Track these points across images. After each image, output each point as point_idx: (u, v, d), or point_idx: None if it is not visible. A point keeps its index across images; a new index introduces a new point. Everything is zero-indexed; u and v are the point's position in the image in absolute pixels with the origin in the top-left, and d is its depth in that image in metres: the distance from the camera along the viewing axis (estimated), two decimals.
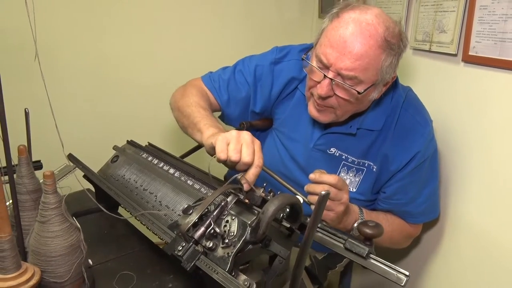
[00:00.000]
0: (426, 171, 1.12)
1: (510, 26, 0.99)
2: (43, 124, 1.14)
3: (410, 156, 1.08)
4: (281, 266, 0.81)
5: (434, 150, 1.14)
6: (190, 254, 0.74)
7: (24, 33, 0.86)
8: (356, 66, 0.94)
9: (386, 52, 0.95)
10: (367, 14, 0.94)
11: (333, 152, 1.13)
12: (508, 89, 1.04)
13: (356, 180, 1.13)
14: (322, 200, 0.59)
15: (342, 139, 1.12)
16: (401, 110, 1.09)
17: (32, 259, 0.75)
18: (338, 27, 0.95)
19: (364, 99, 1.02)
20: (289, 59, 1.21)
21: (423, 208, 1.16)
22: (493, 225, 1.11)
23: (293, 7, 1.90)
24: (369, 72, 0.96)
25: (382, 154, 1.10)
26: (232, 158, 0.82)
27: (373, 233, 0.79)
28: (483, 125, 1.12)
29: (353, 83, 0.97)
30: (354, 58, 0.93)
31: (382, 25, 0.94)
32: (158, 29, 1.64)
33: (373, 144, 1.11)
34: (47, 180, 0.72)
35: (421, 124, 1.10)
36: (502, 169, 1.07)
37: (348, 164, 1.13)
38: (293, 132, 1.19)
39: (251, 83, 1.23)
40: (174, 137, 1.74)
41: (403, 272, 0.73)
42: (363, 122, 1.10)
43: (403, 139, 1.08)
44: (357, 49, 0.93)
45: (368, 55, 0.93)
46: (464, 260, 1.20)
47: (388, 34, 0.94)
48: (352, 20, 0.94)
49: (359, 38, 0.92)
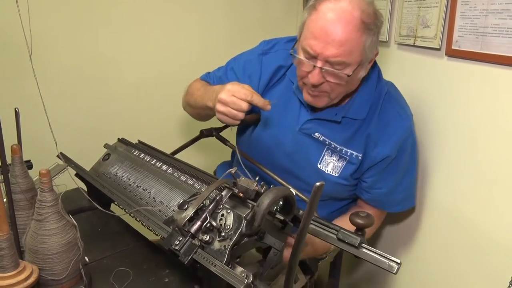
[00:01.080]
0: (406, 161, 1.17)
1: (491, 20, 1.03)
2: (32, 123, 1.14)
3: (391, 145, 1.12)
4: (276, 257, 0.83)
5: (413, 142, 1.20)
6: (187, 248, 0.76)
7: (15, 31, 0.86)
8: (341, 51, 0.99)
9: (366, 32, 1.00)
10: (341, 1, 1.00)
11: (317, 136, 1.17)
12: (489, 81, 1.07)
13: (339, 165, 1.17)
14: (316, 192, 0.61)
15: (327, 125, 1.16)
16: (383, 100, 1.14)
17: (29, 258, 0.75)
18: (318, 19, 1.01)
19: (353, 79, 1.07)
20: (276, 50, 1.27)
21: (401, 196, 1.22)
22: (470, 209, 1.16)
23: (278, 4, 1.91)
24: (354, 54, 1.01)
25: (365, 140, 1.14)
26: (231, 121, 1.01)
27: (364, 223, 0.81)
28: (465, 117, 1.16)
29: (341, 67, 1.02)
30: (338, 45, 0.99)
31: (357, 9, 0.99)
32: (146, 27, 1.64)
33: (357, 132, 1.14)
34: (44, 178, 0.72)
35: (402, 116, 1.15)
36: (482, 159, 1.11)
37: (331, 149, 1.17)
38: (280, 118, 1.22)
39: (241, 78, 1.26)
40: (164, 135, 1.74)
41: (395, 260, 0.76)
42: (348, 111, 1.14)
43: (384, 128, 1.13)
44: (339, 36, 0.98)
45: (350, 39, 0.99)
46: (444, 242, 1.25)
47: (364, 16, 0.99)
48: (329, 10, 1.00)
49: (338, 26, 0.98)
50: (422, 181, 1.33)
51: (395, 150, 1.13)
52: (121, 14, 1.57)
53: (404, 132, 1.14)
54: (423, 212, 1.33)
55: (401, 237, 1.44)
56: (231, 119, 1.03)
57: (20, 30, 0.73)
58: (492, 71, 1.05)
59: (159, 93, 1.73)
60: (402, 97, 1.22)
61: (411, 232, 1.39)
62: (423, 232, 1.35)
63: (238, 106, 1.00)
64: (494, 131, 1.07)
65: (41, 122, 0.84)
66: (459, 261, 1.21)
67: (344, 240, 0.81)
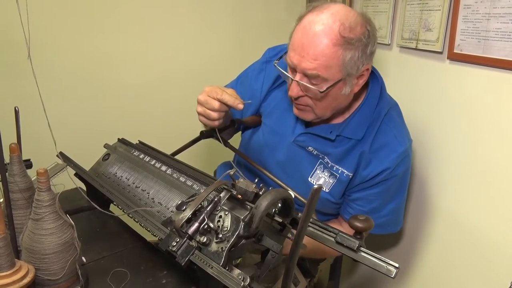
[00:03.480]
0: (394, 187, 1.14)
1: (493, 24, 1.02)
2: (32, 123, 1.14)
3: (381, 169, 1.09)
4: (274, 260, 0.82)
5: (405, 169, 1.15)
6: (184, 249, 0.75)
7: (15, 30, 0.86)
8: (316, 65, 0.98)
9: (345, 47, 0.97)
10: (323, 13, 0.98)
11: (311, 150, 1.15)
12: (491, 85, 1.07)
13: (330, 181, 1.15)
14: (314, 194, 0.60)
15: (321, 141, 1.14)
16: (382, 123, 1.11)
17: (25, 257, 0.75)
18: (298, 30, 1.00)
19: (335, 95, 1.04)
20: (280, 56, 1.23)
21: (382, 221, 1.17)
22: (472, 214, 1.15)
23: (280, 6, 1.91)
24: (331, 69, 0.98)
25: (358, 160, 1.11)
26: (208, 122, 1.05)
27: (363, 226, 0.80)
28: (466, 121, 1.15)
29: (318, 82, 1.00)
30: (313, 58, 0.97)
31: (337, 22, 0.96)
32: (148, 28, 1.64)
33: (351, 151, 1.12)
34: (41, 178, 0.72)
35: (398, 141, 1.11)
36: (484, 164, 1.10)
37: (324, 164, 1.15)
38: (277, 125, 1.21)
39: (247, 86, 1.28)
40: (164, 135, 1.74)
41: (393, 264, 0.75)
42: (344, 130, 1.11)
43: (379, 150, 1.10)
44: (313, 50, 0.97)
45: (325, 54, 0.96)
46: (445, 247, 1.24)
47: (344, 29, 0.96)
48: (308, 23, 0.98)
49: (314, 39, 0.97)
50: (423, 186, 1.32)
51: (385, 174, 1.10)
52: (123, 14, 1.58)
53: (397, 158, 1.10)
54: (424, 217, 1.33)
55: (402, 241, 1.44)
56: (207, 119, 1.05)
57: (19, 29, 0.73)
58: (494, 75, 1.05)
59: (160, 94, 1.73)
60: (403, 120, 1.18)
61: (412, 236, 1.39)
62: (423, 236, 1.34)
63: (210, 106, 1.02)
64: (496, 135, 1.07)
65: (42, 121, 0.84)
66: (460, 265, 1.20)
67: (343, 243, 0.80)
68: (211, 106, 1.02)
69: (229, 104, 1.02)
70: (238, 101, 1.02)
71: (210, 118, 1.05)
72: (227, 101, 1.01)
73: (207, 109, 1.03)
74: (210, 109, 1.03)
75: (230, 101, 1.01)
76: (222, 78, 1.43)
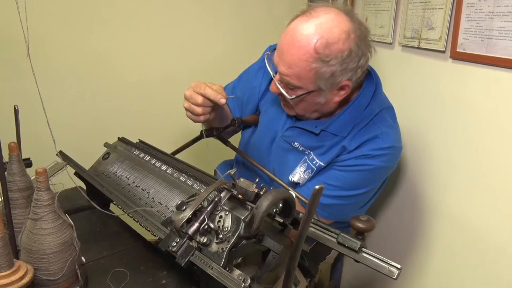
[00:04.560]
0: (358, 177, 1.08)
1: (496, 23, 1.01)
2: (32, 121, 1.13)
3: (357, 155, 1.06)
4: (275, 261, 0.81)
5: (383, 167, 1.09)
6: (184, 249, 0.75)
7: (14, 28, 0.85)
8: (289, 73, 0.99)
9: (317, 62, 0.95)
10: (308, 23, 0.96)
11: (297, 146, 1.15)
12: (494, 84, 1.06)
13: (305, 177, 1.14)
14: (316, 194, 0.59)
15: (306, 135, 1.13)
16: (370, 122, 1.08)
17: (24, 257, 0.75)
18: (284, 32, 1.00)
19: (312, 102, 1.04)
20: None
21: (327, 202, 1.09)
22: (475, 214, 1.14)
23: (283, 5, 1.90)
24: (303, 79, 0.99)
25: (338, 152, 1.09)
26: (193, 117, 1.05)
27: (365, 227, 0.80)
28: (469, 120, 1.14)
29: (292, 87, 1.02)
30: (287, 66, 0.99)
31: (315, 36, 0.94)
32: (149, 26, 1.63)
33: (334, 147, 1.10)
34: (40, 177, 0.71)
35: (383, 138, 1.06)
36: (487, 163, 1.09)
37: (308, 161, 1.13)
38: (272, 122, 1.22)
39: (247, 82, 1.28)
40: (164, 134, 1.74)
41: (395, 265, 0.74)
42: (329, 126, 1.10)
43: (361, 144, 1.07)
44: (288, 58, 0.98)
45: (297, 65, 0.97)
46: (448, 248, 1.23)
47: (320, 45, 0.94)
48: (291, 29, 0.98)
49: (290, 49, 0.97)
50: (425, 185, 1.31)
51: (359, 160, 1.05)
52: (124, 12, 1.57)
53: (377, 150, 1.04)
54: (426, 217, 1.32)
55: (404, 241, 1.43)
56: (192, 114, 1.05)
57: (18, 27, 0.72)
58: (498, 74, 1.04)
59: (161, 93, 1.72)
60: (396, 124, 1.13)
61: (414, 237, 1.38)
62: (426, 237, 1.33)
63: (194, 100, 1.02)
64: (499, 134, 1.06)
65: (42, 120, 0.83)
66: (462, 266, 1.20)
67: (344, 244, 0.80)
68: (195, 101, 1.03)
69: (211, 98, 1.01)
70: (220, 96, 1.01)
71: (194, 113, 1.05)
72: (209, 96, 1.01)
73: (192, 104, 1.03)
74: (194, 104, 1.03)
75: (212, 95, 1.01)
76: (224, 77, 1.42)
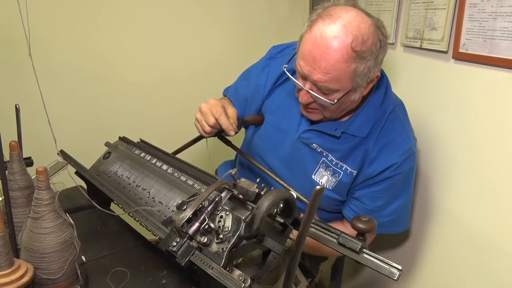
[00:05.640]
0: (399, 185, 1.13)
1: (499, 23, 1.01)
2: (34, 120, 1.13)
3: (386, 165, 1.08)
4: (275, 261, 0.81)
5: (411, 167, 1.14)
6: (184, 249, 0.75)
7: (16, 28, 0.85)
8: (327, 78, 0.97)
9: (357, 61, 0.95)
10: (335, 24, 0.94)
11: (315, 147, 1.14)
12: (497, 85, 1.05)
13: (332, 180, 1.13)
14: (316, 195, 0.59)
15: (326, 138, 1.13)
16: (387, 120, 1.10)
17: (24, 256, 0.75)
18: (309, 40, 0.97)
19: (346, 101, 1.04)
20: (284, 54, 1.24)
21: (386, 220, 1.15)
22: (476, 216, 1.14)
23: (284, 4, 1.90)
24: (342, 81, 0.98)
25: (363, 157, 1.10)
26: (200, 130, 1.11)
27: (366, 227, 0.79)
28: (471, 121, 1.14)
29: (329, 92, 1.00)
30: (324, 72, 0.96)
31: (349, 36, 0.93)
32: (150, 27, 1.63)
33: (356, 148, 1.11)
34: (40, 176, 0.71)
35: (403, 138, 1.10)
36: (489, 164, 1.09)
37: (327, 162, 1.14)
38: (282, 122, 1.20)
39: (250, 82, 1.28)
40: (165, 134, 1.73)
41: (396, 266, 0.74)
42: (349, 127, 1.10)
43: (384, 147, 1.09)
44: (325, 64, 0.95)
45: (336, 68, 0.95)
46: (449, 248, 1.23)
47: (356, 43, 0.93)
48: (320, 34, 0.95)
49: (325, 54, 0.94)
50: (427, 186, 1.31)
51: (390, 170, 1.09)
52: (125, 12, 1.57)
53: (403, 155, 1.09)
54: (427, 217, 1.32)
55: (405, 242, 1.42)
56: (200, 128, 1.11)
57: (19, 26, 0.72)
58: (500, 75, 1.04)
59: (163, 92, 1.72)
60: (407, 119, 1.17)
61: (415, 237, 1.38)
62: (427, 237, 1.33)
63: (207, 119, 1.08)
64: (501, 136, 1.05)
65: (43, 119, 0.83)
66: (464, 267, 1.19)
67: (345, 245, 0.79)
68: (207, 120, 1.08)
69: (223, 127, 1.07)
70: (232, 128, 1.07)
71: (203, 129, 1.10)
72: (222, 124, 1.07)
73: (204, 120, 1.09)
74: (205, 122, 1.08)
75: (224, 124, 1.07)
76: (225, 77, 1.42)
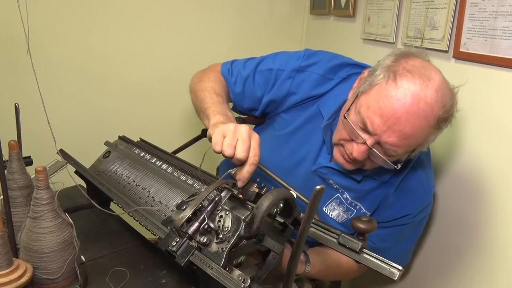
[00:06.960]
0: (410, 230, 1.12)
1: (500, 23, 1.01)
2: (33, 119, 1.13)
3: (401, 214, 1.06)
4: (275, 261, 0.81)
5: (425, 216, 1.12)
6: (184, 249, 0.74)
7: (15, 26, 0.85)
8: (402, 144, 0.88)
9: (435, 131, 0.89)
10: (428, 88, 0.84)
11: (331, 183, 1.08)
12: (497, 84, 1.05)
13: (344, 216, 1.10)
14: (316, 195, 0.59)
15: (345, 178, 1.07)
16: (410, 168, 1.04)
17: (23, 256, 0.74)
18: (394, 97, 0.85)
19: None
20: (313, 71, 1.11)
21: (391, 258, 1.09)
22: (477, 215, 1.13)
23: (284, 4, 1.90)
24: (412, 147, 0.92)
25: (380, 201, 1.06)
26: (226, 153, 0.79)
27: (366, 227, 0.79)
28: (472, 121, 1.13)
29: (393, 155, 0.91)
30: (402, 137, 0.87)
31: (440, 103, 0.85)
32: (150, 25, 1.63)
33: (374, 191, 1.06)
34: (39, 176, 0.71)
35: (424, 188, 1.06)
36: (489, 163, 1.09)
37: (342, 199, 1.09)
38: (299, 147, 1.12)
39: (269, 87, 1.15)
40: (165, 133, 1.73)
41: (396, 266, 0.75)
42: (371, 171, 1.04)
43: (402, 195, 1.06)
44: (407, 130, 0.86)
45: (416, 136, 0.88)
46: (449, 249, 1.23)
47: (443, 113, 0.86)
48: (411, 94, 0.84)
49: (412, 119, 0.85)
50: None
51: (404, 219, 1.06)
52: (125, 11, 1.57)
53: (421, 206, 1.07)
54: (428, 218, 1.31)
55: None
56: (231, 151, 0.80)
57: (18, 24, 0.72)
58: (501, 75, 1.03)
59: (162, 92, 1.72)
60: (430, 164, 1.11)
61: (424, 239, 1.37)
62: (427, 237, 1.32)
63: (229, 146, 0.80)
64: (502, 135, 1.05)
65: (42, 118, 0.83)
66: (464, 267, 1.19)
67: (345, 245, 0.79)
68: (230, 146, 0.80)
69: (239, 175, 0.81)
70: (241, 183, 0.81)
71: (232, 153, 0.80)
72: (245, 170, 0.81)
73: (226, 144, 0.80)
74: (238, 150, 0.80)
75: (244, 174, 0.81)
76: None
